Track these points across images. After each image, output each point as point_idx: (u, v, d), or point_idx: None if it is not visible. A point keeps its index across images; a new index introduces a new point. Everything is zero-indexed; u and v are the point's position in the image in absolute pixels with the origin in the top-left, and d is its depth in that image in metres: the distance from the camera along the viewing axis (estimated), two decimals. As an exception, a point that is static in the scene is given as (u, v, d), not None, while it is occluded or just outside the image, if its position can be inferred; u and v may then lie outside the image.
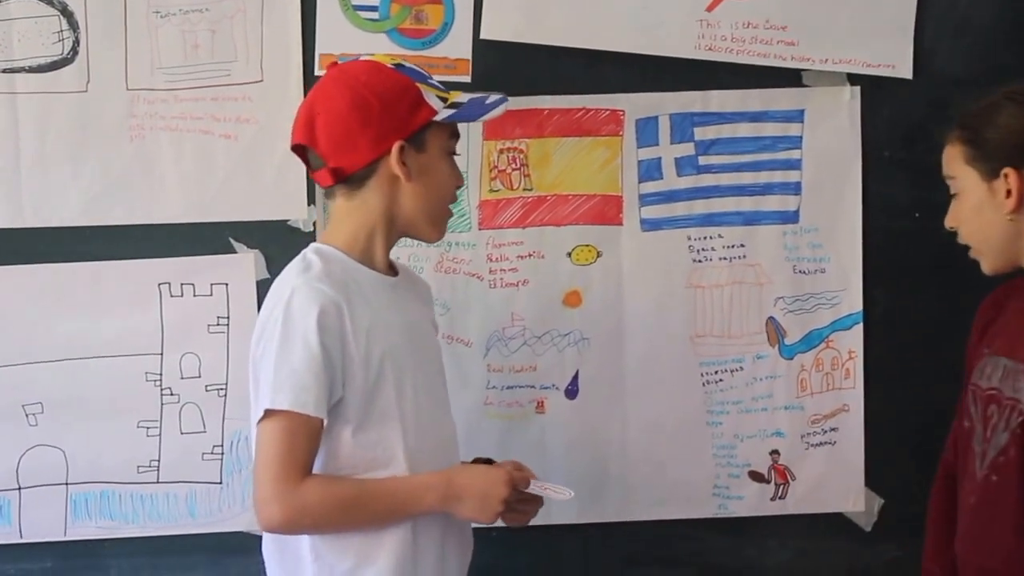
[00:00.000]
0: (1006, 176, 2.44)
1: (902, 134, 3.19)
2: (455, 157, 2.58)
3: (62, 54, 3.11)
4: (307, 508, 2.35)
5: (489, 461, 2.64)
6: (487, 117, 2.59)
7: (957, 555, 2.59)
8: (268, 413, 2.36)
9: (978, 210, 2.50)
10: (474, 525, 2.63)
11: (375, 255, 2.51)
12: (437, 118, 2.47)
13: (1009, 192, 2.44)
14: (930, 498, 2.75)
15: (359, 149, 2.44)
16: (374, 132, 2.43)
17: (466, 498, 2.45)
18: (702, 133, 3.17)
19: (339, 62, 2.65)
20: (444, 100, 2.50)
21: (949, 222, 2.59)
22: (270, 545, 2.53)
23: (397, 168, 2.44)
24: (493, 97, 2.58)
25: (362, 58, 2.59)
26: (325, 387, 2.35)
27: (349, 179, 2.47)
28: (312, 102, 2.51)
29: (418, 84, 2.48)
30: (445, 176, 2.54)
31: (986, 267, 2.56)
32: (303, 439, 2.35)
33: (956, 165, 2.54)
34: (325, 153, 2.46)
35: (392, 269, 2.59)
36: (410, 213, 2.50)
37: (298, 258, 2.51)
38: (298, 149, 2.54)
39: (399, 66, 2.52)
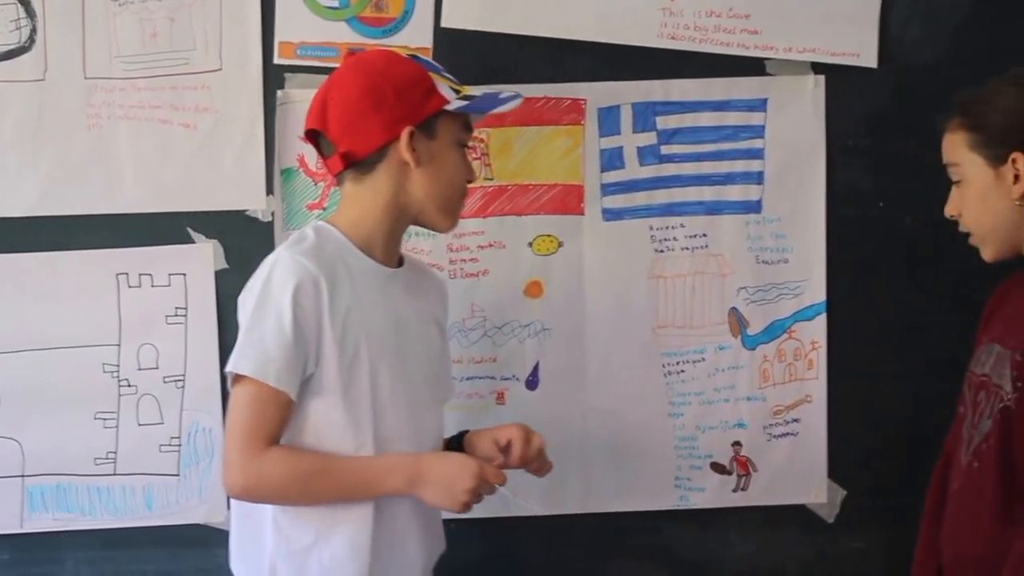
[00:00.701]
0: (1014, 161, 2.42)
1: (866, 123, 3.17)
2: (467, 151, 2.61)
3: (19, 42, 3.08)
4: (267, 477, 2.38)
5: (461, 437, 2.69)
6: (499, 111, 2.61)
7: (941, 543, 2.59)
8: (235, 379, 2.39)
9: (984, 197, 2.48)
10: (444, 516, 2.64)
11: (376, 242, 2.53)
12: (449, 107, 2.50)
13: (1017, 177, 2.42)
14: (928, 486, 2.72)
15: (370, 133, 2.47)
16: (385, 117, 2.46)
17: (431, 483, 2.44)
18: (664, 122, 3.15)
19: (355, 51, 2.71)
20: (457, 92, 2.53)
21: (950, 210, 2.56)
22: (236, 511, 2.55)
23: (406, 153, 2.46)
24: (506, 93, 2.60)
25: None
26: (293, 362, 2.37)
27: (359, 164, 2.49)
28: (326, 88, 2.54)
29: (432, 74, 2.52)
30: (455, 166, 2.56)
31: (988, 254, 2.54)
32: (268, 408, 2.38)
33: (959, 152, 2.51)
34: (336, 137, 2.49)
35: (398, 260, 2.60)
36: (419, 200, 2.52)
37: (296, 231, 2.55)
38: (311, 136, 2.57)
39: (414, 57, 2.57)
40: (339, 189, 2.57)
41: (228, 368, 2.40)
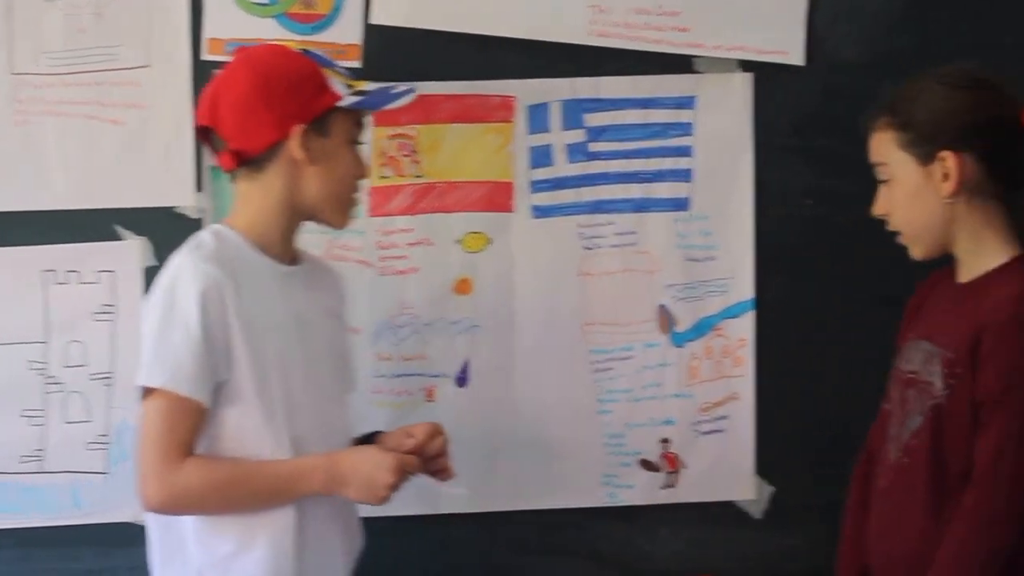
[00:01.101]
0: (943, 160, 2.42)
1: (795, 121, 3.18)
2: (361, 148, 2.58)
3: (-56, 38, 3.07)
4: (186, 488, 2.36)
5: (373, 436, 2.65)
6: (393, 106, 2.60)
7: (868, 541, 2.59)
8: (147, 392, 2.37)
9: (914, 196, 2.48)
10: (363, 514, 2.63)
11: (273, 241, 2.51)
12: (341, 103, 2.47)
13: (946, 176, 2.42)
14: (850, 483, 2.73)
15: (261, 131, 2.44)
16: (276, 114, 2.43)
17: (351, 481, 2.45)
18: (592, 119, 3.15)
19: (246, 46, 2.68)
20: (350, 88, 2.50)
21: (879, 209, 2.56)
22: (153, 525, 2.51)
23: (298, 151, 2.43)
24: (401, 87, 2.58)
25: (257, 43, 2.60)
26: (205, 368, 2.36)
27: (251, 162, 2.47)
28: (217, 84, 2.51)
29: (324, 70, 2.49)
30: (348, 163, 2.53)
31: (917, 253, 2.54)
32: (183, 419, 2.36)
33: (888, 151, 2.51)
34: (227, 135, 2.47)
35: (294, 257, 2.58)
36: (312, 198, 2.50)
37: (192, 236, 2.51)
38: (202, 132, 2.54)
39: (306, 51, 2.53)
40: (234, 186, 2.55)
41: (140, 382, 2.38)
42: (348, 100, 2.48)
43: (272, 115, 2.43)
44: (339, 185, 2.52)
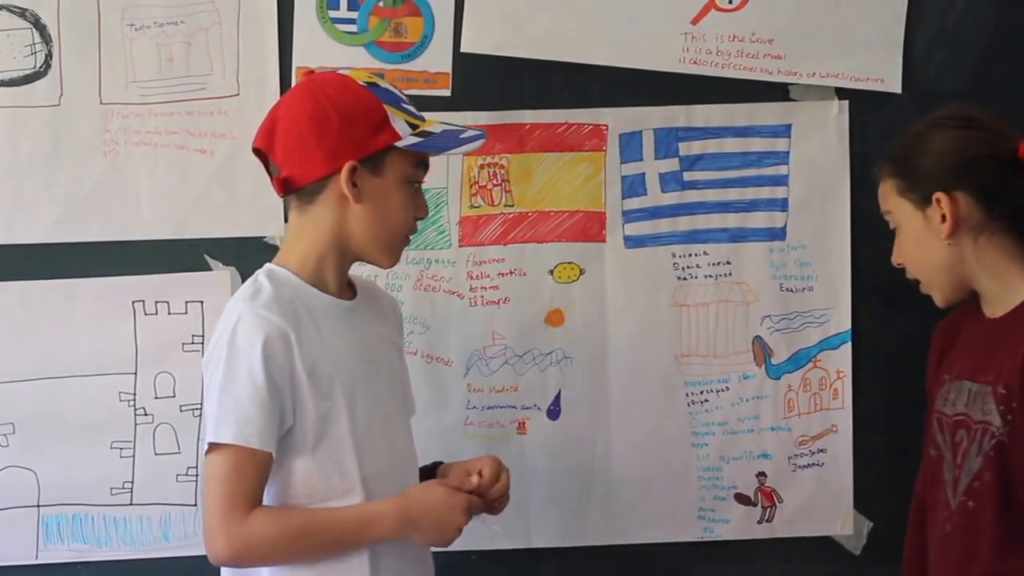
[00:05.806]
0: (938, 201, 2.42)
1: (892, 149, 3.12)
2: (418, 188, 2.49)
3: (34, 67, 3.06)
4: (254, 541, 2.31)
5: (435, 466, 2.61)
6: (458, 151, 2.53)
7: None
8: (213, 446, 2.32)
9: (918, 241, 2.49)
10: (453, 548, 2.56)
11: (327, 277, 2.45)
12: (399, 144, 2.39)
13: (944, 217, 2.42)
14: (907, 532, 2.70)
15: (311, 162, 2.38)
16: (328, 147, 2.36)
17: (423, 526, 2.40)
18: (687, 148, 3.11)
19: (314, 71, 2.61)
20: (415, 127, 2.42)
21: (895, 258, 2.58)
22: None
23: (346, 188, 2.36)
24: (470, 132, 2.49)
25: (339, 71, 2.51)
26: (271, 418, 2.31)
27: (299, 192, 2.42)
28: (277, 108, 2.47)
29: (387, 106, 2.40)
30: (399, 205, 2.44)
31: (938, 300, 2.55)
32: (249, 471, 2.31)
33: (890, 199, 2.53)
34: (279, 161, 2.41)
35: (350, 289, 2.52)
36: (358, 237, 2.42)
37: (249, 281, 2.45)
38: (259, 154, 2.49)
39: (373, 85, 2.44)
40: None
41: (209, 439, 2.32)
42: (406, 141, 2.39)
43: (323, 149, 2.36)
44: (385, 227, 2.44)
